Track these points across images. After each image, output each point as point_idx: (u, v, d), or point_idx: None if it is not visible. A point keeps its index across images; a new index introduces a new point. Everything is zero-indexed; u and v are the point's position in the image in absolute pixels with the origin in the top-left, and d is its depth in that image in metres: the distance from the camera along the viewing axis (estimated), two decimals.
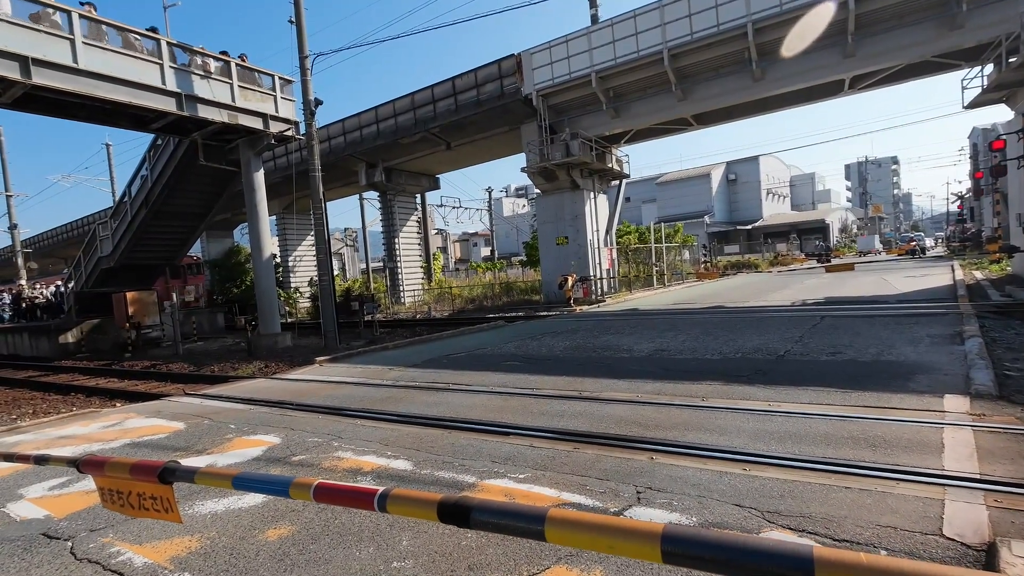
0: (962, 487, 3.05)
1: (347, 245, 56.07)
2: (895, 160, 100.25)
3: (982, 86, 15.26)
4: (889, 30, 15.59)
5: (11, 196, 29.18)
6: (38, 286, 25.72)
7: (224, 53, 14.07)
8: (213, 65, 13.67)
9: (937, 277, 18.63)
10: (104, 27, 11.93)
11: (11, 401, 10.69)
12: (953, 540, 2.52)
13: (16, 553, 3.09)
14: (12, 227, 29.17)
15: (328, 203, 27.20)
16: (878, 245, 54.70)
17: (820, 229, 58.39)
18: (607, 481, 3.51)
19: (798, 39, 15.81)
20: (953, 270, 20.98)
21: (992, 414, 4.27)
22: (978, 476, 3.17)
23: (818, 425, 4.32)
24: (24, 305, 22.14)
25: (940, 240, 59.12)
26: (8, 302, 24.57)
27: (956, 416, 4.28)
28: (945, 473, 3.25)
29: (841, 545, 2.57)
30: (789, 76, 17.24)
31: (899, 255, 42.81)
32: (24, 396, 11.30)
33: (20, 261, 28.10)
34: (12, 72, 10.53)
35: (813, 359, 6.86)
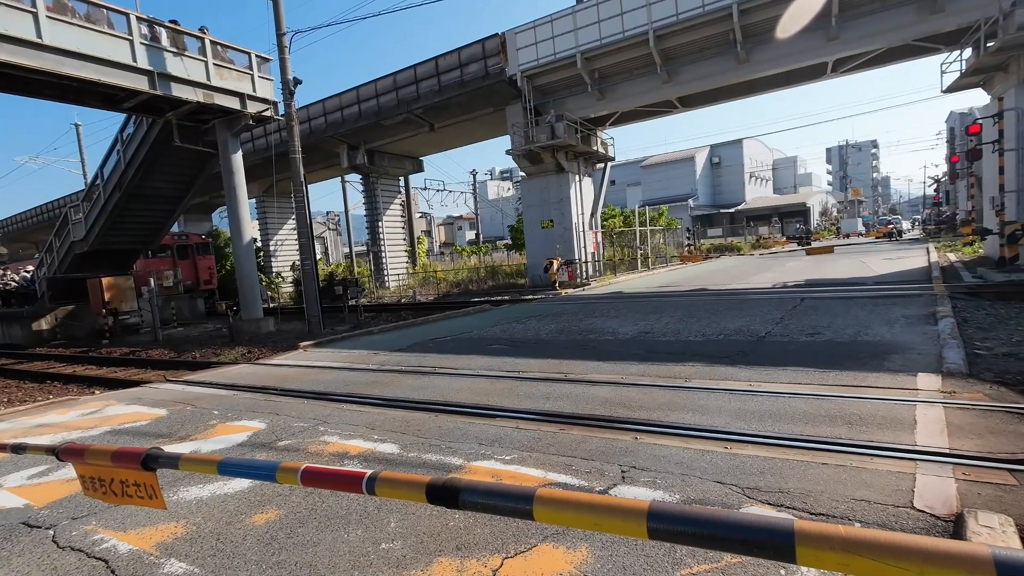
0: (932, 461, 3.17)
1: (330, 229, 55.35)
2: (875, 144, 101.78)
3: (960, 70, 15.47)
4: (872, 13, 15.67)
5: None
6: (9, 271, 24.92)
7: (174, 21, 13.37)
8: (167, 37, 12.95)
9: (913, 259, 19.07)
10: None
11: None
12: (923, 512, 2.62)
13: None
14: None
15: (310, 186, 26.71)
16: (861, 228, 55.87)
17: (801, 212, 59.20)
18: (592, 461, 3.57)
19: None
20: (928, 252, 21.49)
21: (962, 391, 4.43)
22: (948, 451, 3.29)
23: (797, 404, 4.43)
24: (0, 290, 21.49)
25: (917, 223, 60.45)
26: None
27: (928, 394, 4.42)
28: (917, 448, 3.36)
29: (817, 518, 2.66)
30: (773, 59, 17.27)
31: (876, 238, 43.72)
32: None
33: None
34: None
35: (793, 340, 7.01)
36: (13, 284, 21.80)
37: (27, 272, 22.36)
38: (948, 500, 2.72)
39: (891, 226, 42.40)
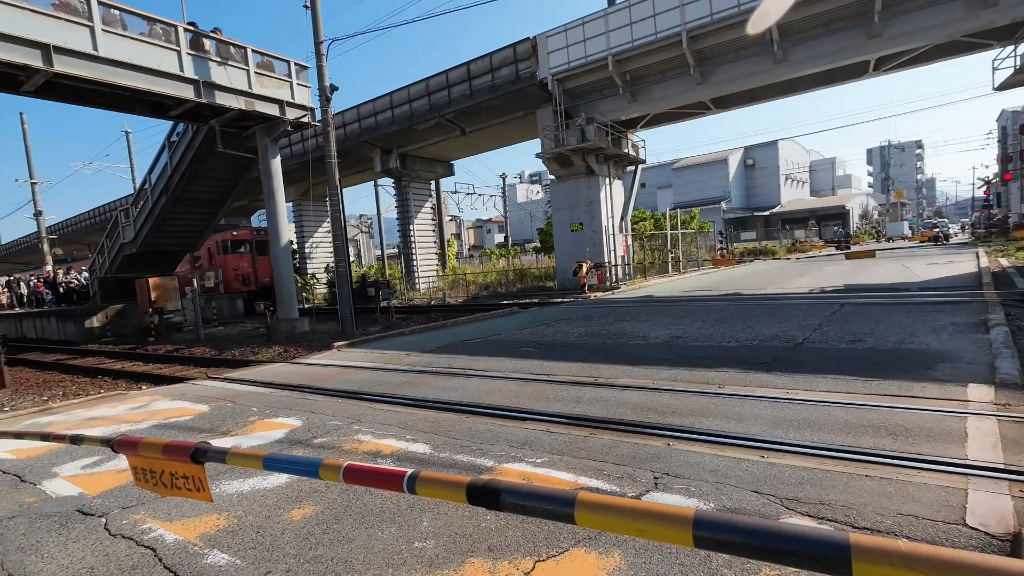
0: (986, 477, 3.02)
1: (362, 232, 56.45)
2: (919, 144, 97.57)
3: (1014, 66, 14.73)
4: (917, 8, 15.05)
5: (35, 183, 29.82)
6: (72, 271, 26.38)
7: (193, 24, 13.55)
8: (211, 47, 13.39)
9: (961, 264, 18.18)
10: (121, 13, 12.01)
11: (42, 383, 11.04)
12: (976, 529, 2.50)
13: (54, 528, 3.23)
14: (37, 214, 29.87)
15: (343, 189, 27.30)
16: (906, 231, 53.78)
17: (840, 215, 57.24)
18: (624, 466, 3.53)
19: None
20: (978, 257, 20.44)
21: (1017, 404, 4.20)
22: (1003, 466, 3.13)
23: (837, 413, 4.28)
24: (61, 290, 22.81)
25: (965, 227, 57.65)
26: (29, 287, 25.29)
27: (980, 405, 4.21)
28: (968, 462, 3.21)
29: (861, 533, 2.56)
30: (812, 58, 16.78)
31: (920, 242, 41.87)
32: (54, 378, 11.66)
33: (46, 247, 28.83)
34: (34, 60, 10.68)
35: (832, 347, 6.78)
36: (76, 283, 23.07)
37: (85, 271, 23.63)
38: (1004, 518, 2.58)
39: (936, 230, 40.58)
